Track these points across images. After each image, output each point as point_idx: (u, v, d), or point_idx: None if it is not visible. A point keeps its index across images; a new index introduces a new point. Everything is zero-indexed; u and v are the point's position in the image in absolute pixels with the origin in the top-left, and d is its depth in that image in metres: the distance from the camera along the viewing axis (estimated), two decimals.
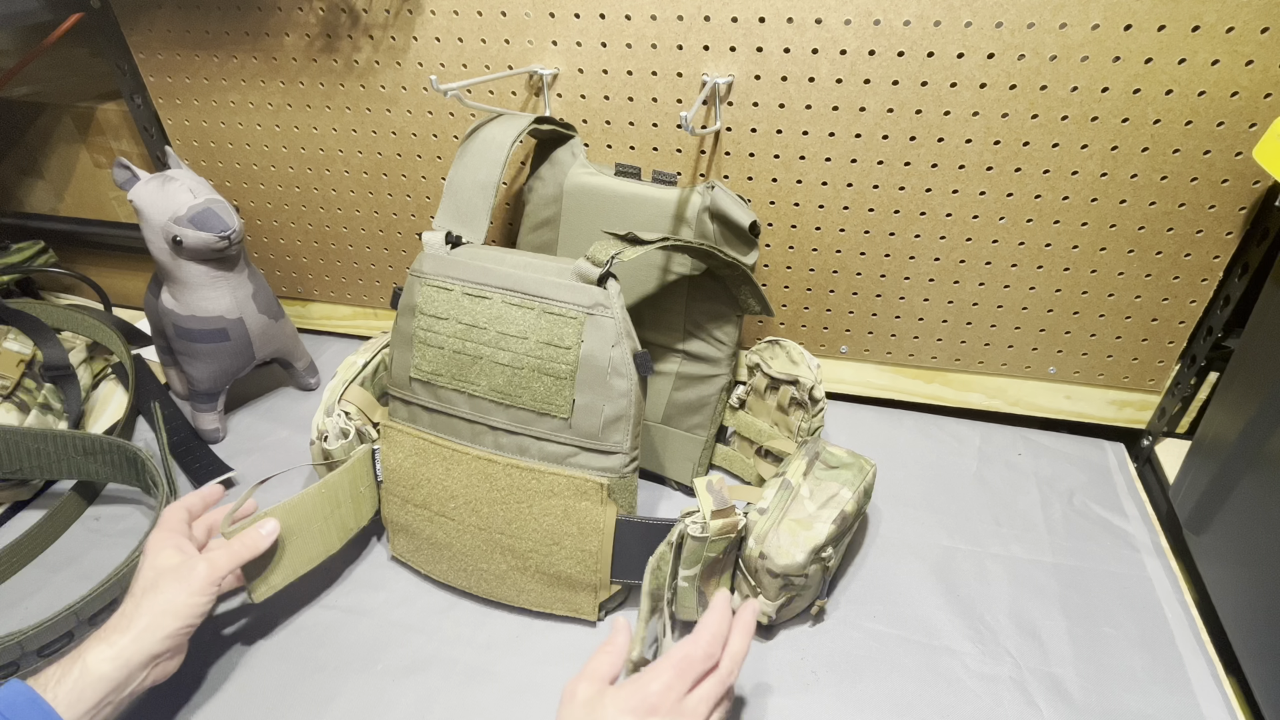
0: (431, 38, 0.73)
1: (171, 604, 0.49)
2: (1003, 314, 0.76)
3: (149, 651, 0.48)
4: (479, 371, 0.58)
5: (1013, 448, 0.81)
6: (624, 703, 0.45)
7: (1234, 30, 0.58)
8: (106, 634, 0.48)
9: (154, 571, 0.51)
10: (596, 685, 0.47)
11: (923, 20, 0.62)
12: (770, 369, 0.69)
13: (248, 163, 0.87)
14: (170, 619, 0.49)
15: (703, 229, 0.67)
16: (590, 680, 0.47)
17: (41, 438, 0.68)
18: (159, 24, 0.79)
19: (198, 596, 0.50)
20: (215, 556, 0.52)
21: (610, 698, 0.45)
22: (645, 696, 0.45)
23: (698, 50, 0.68)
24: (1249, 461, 0.60)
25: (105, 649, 0.47)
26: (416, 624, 0.62)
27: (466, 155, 0.63)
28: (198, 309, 0.74)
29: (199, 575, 0.51)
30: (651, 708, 0.45)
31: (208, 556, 0.52)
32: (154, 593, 0.50)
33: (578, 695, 0.46)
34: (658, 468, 0.75)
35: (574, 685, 0.47)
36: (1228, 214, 0.66)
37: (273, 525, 0.56)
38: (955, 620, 0.62)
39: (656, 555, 0.56)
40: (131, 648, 0.47)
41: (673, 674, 0.46)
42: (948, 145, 0.68)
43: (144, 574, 0.51)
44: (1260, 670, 0.55)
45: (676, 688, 0.46)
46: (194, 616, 0.50)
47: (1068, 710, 0.56)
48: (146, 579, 0.51)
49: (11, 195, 0.99)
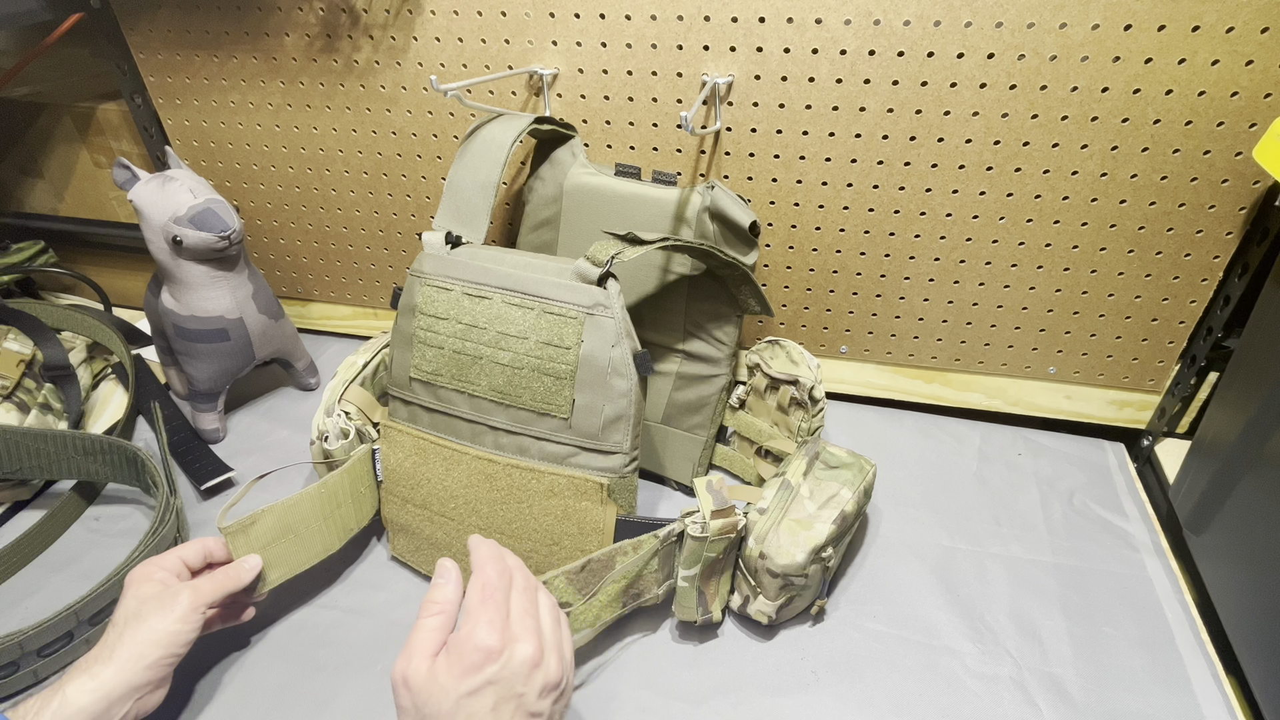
0: (431, 38, 0.73)
1: (154, 632, 0.48)
2: (1003, 314, 0.76)
3: (131, 683, 0.47)
4: (479, 371, 0.58)
5: (1013, 448, 0.81)
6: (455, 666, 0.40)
7: (1234, 30, 0.58)
8: (88, 664, 0.47)
9: (136, 601, 0.50)
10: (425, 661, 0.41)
11: (923, 20, 0.62)
12: (770, 369, 0.69)
13: (248, 163, 0.87)
14: (153, 648, 0.48)
15: (703, 229, 0.67)
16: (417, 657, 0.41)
17: (41, 438, 0.68)
18: (159, 24, 0.79)
19: (181, 624, 0.49)
20: (199, 584, 0.51)
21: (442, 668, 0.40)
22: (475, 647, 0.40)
23: (698, 50, 0.68)
24: (1249, 461, 0.60)
25: (86, 680, 0.46)
26: None
27: (466, 155, 0.63)
28: (198, 309, 0.74)
29: (183, 602, 0.50)
30: (487, 652, 0.40)
31: (191, 584, 0.51)
32: (136, 621, 0.48)
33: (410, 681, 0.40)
34: (658, 468, 0.75)
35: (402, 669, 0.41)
36: (1228, 214, 0.66)
37: (255, 561, 0.55)
38: (955, 620, 0.62)
39: (641, 548, 0.56)
40: (114, 679, 0.46)
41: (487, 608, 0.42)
42: (948, 145, 0.68)
43: (126, 604, 0.50)
44: (1260, 670, 0.55)
45: (497, 619, 0.41)
46: (178, 645, 0.49)
47: (1068, 710, 0.56)
48: (128, 609, 0.49)
49: (11, 195, 0.99)
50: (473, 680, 0.39)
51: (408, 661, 0.41)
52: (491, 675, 0.40)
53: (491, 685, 0.39)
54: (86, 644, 0.58)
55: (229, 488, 0.75)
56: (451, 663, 0.40)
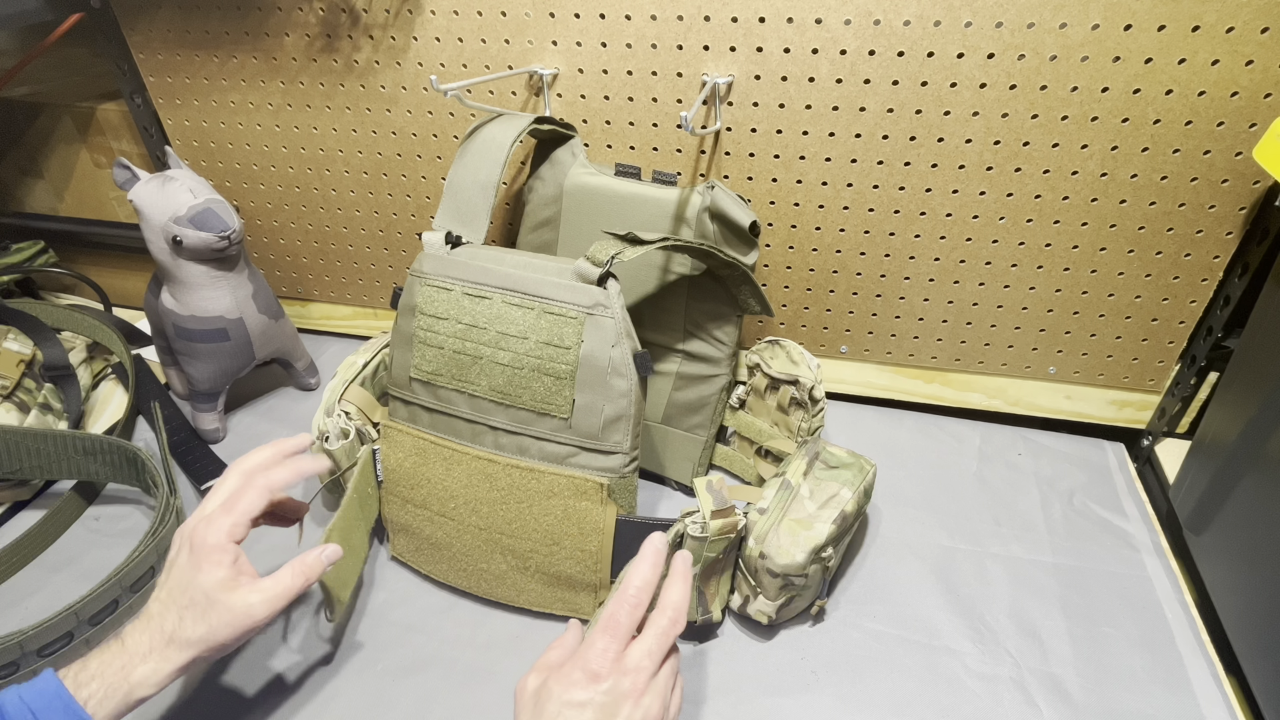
0: (431, 38, 0.73)
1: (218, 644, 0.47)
2: (1003, 314, 0.76)
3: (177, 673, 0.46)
4: (479, 371, 0.58)
5: (1013, 448, 0.81)
6: (565, 679, 0.44)
7: (1234, 30, 0.58)
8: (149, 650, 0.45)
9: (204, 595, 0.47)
10: (543, 674, 0.45)
11: (923, 20, 0.62)
12: (770, 369, 0.69)
13: (248, 163, 0.87)
14: (214, 653, 0.47)
15: (703, 229, 0.67)
16: (538, 671, 0.46)
17: (41, 438, 0.68)
18: (159, 24, 0.79)
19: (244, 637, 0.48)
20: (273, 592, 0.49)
21: (554, 680, 0.44)
22: (584, 666, 0.44)
23: (698, 50, 0.68)
24: (1249, 461, 0.60)
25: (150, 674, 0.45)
26: (416, 624, 0.62)
27: (466, 155, 0.63)
28: (198, 309, 0.74)
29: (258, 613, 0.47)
30: (593, 674, 0.43)
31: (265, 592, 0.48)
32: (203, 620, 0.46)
33: (527, 688, 0.45)
34: (658, 468, 0.75)
35: (524, 680, 0.46)
36: (1228, 214, 0.66)
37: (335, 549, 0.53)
38: (955, 620, 0.62)
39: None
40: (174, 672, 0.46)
41: (604, 637, 0.45)
42: (948, 145, 0.68)
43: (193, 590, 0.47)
44: (1260, 670, 0.55)
45: (611, 648, 0.44)
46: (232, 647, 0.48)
47: (1068, 710, 0.56)
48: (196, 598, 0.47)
49: (11, 195, 0.99)
50: (577, 694, 0.43)
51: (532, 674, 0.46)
52: (594, 696, 0.43)
53: (592, 705, 0.43)
54: (86, 644, 0.58)
55: None
56: (563, 673, 0.44)
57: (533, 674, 0.46)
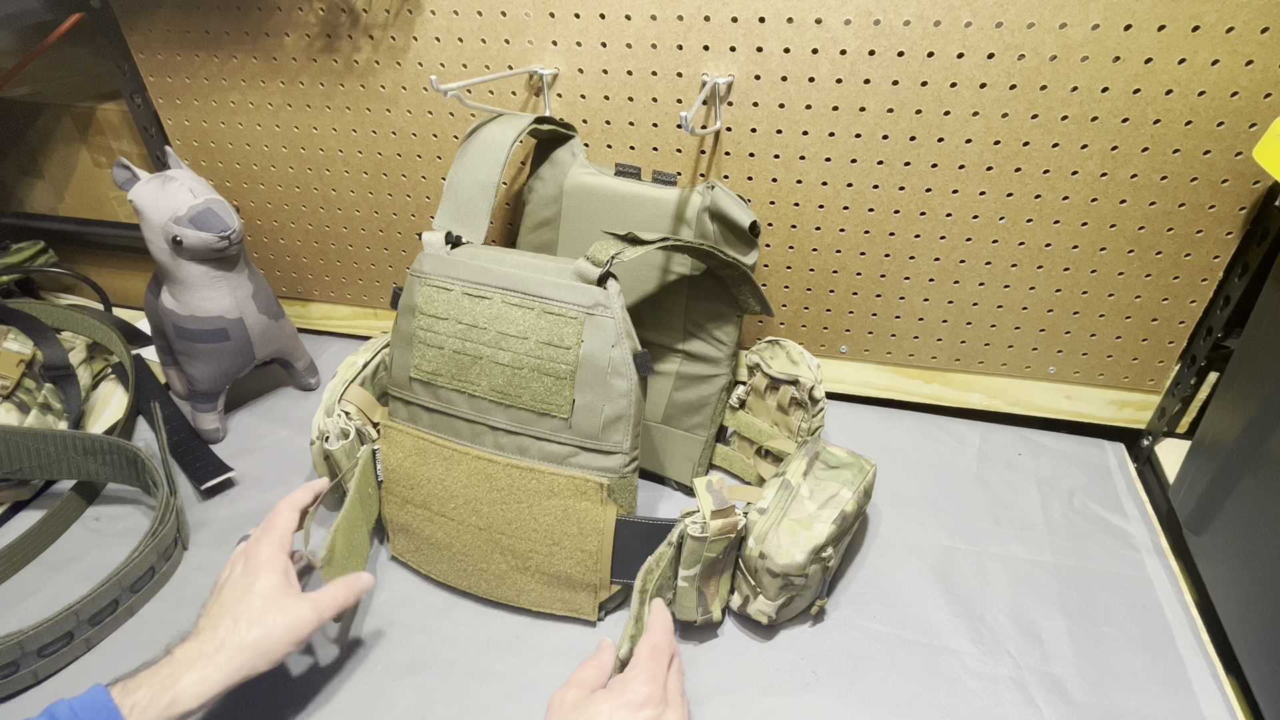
0: (431, 38, 0.73)
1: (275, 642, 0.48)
2: (1003, 314, 0.76)
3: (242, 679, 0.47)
4: (479, 371, 0.58)
5: (1013, 448, 0.81)
6: (616, 699, 0.47)
7: (1234, 30, 0.58)
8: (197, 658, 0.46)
9: (260, 600, 0.49)
10: (583, 691, 0.49)
11: (923, 20, 0.62)
12: (770, 369, 0.69)
13: (248, 163, 0.87)
14: (264, 662, 0.48)
15: (703, 229, 0.67)
16: (578, 687, 0.49)
17: (41, 438, 0.68)
18: (159, 24, 0.79)
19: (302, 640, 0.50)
20: (322, 600, 0.52)
21: (601, 697, 0.48)
22: (636, 690, 0.48)
23: (698, 50, 0.68)
24: (1249, 461, 0.60)
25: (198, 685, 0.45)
26: (416, 624, 0.62)
27: (466, 155, 0.63)
28: (198, 309, 0.74)
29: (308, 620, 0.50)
30: (645, 698, 0.47)
31: (314, 601, 0.51)
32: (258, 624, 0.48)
33: (567, 700, 0.48)
34: (658, 468, 0.75)
35: (562, 693, 0.49)
36: (1228, 214, 0.66)
37: (369, 578, 0.56)
38: (955, 620, 0.62)
39: (655, 555, 0.56)
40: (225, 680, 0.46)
41: (652, 664, 0.50)
42: (948, 145, 0.68)
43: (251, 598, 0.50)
44: (1260, 670, 0.55)
45: (659, 676, 0.49)
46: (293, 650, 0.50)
47: (1068, 710, 0.56)
48: (253, 606, 0.49)
49: (11, 195, 0.99)
50: (627, 715, 0.46)
51: (571, 689, 0.49)
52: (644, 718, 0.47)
53: None
54: (86, 644, 0.58)
55: (229, 487, 0.75)
56: (613, 694, 0.48)
57: (571, 689, 0.49)
